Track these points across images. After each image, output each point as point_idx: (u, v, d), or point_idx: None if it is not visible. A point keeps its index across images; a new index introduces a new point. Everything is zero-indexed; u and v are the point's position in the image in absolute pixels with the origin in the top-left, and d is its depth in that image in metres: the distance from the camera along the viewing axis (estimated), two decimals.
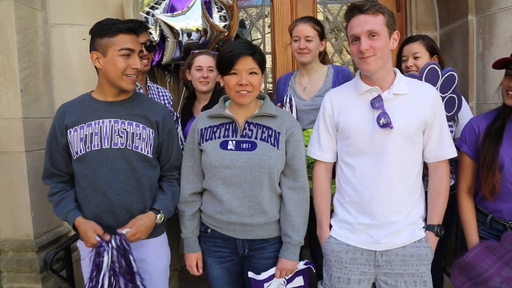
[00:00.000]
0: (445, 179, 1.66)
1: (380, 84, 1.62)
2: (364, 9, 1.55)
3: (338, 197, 1.75)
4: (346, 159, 1.69)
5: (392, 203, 1.60)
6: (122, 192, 1.69)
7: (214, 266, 1.79)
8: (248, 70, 1.63)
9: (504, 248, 1.61)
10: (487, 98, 2.56)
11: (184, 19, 2.68)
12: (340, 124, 1.68)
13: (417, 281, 1.62)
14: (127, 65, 1.65)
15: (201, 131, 1.74)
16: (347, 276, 1.66)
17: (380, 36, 1.55)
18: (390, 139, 1.58)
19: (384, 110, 1.58)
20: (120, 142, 1.69)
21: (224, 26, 2.80)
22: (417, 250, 1.61)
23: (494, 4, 2.49)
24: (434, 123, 1.62)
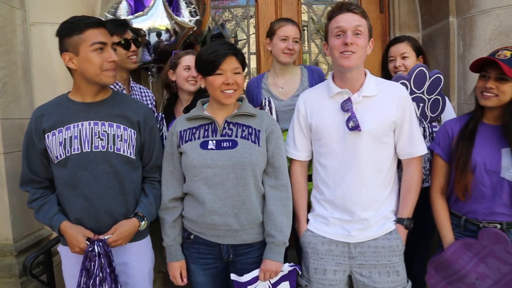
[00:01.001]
0: (416, 175, 1.74)
1: (352, 85, 1.69)
2: (352, 8, 1.63)
3: (314, 194, 1.84)
4: (319, 159, 1.78)
5: (363, 201, 1.69)
6: (104, 196, 1.65)
7: (198, 273, 1.76)
8: (233, 70, 1.64)
9: (481, 245, 1.65)
10: (468, 98, 2.61)
11: (146, 20, 2.61)
12: (313, 126, 1.76)
13: (390, 271, 1.69)
14: (103, 60, 1.60)
15: (180, 133, 1.73)
16: (323, 267, 1.74)
17: (363, 36, 1.63)
18: (359, 140, 1.65)
19: (353, 113, 1.65)
20: (101, 145, 1.65)
21: (195, 21, 2.76)
22: (388, 242, 1.70)
23: (474, 7, 2.54)
24: (403, 122, 1.69)
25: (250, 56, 3.40)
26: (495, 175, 1.64)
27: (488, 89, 1.63)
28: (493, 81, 1.62)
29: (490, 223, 1.66)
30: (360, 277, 1.71)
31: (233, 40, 3.51)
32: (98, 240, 1.59)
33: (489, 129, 1.69)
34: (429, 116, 2.07)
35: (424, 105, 2.05)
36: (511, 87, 1.59)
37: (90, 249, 1.57)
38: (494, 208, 1.65)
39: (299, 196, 1.85)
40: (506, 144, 1.62)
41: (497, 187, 1.64)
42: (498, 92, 1.61)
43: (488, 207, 1.66)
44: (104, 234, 1.63)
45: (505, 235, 1.60)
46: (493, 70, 1.61)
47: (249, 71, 3.42)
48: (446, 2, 2.72)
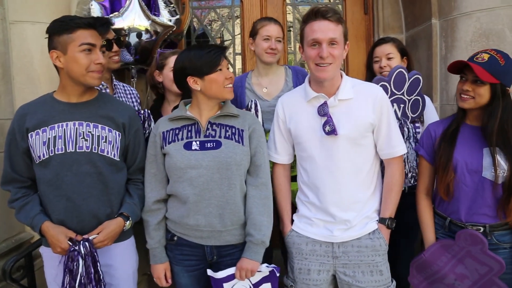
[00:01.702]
0: (397, 174, 1.76)
1: (328, 90, 1.69)
2: (328, 16, 1.61)
3: (299, 195, 1.86)
4: (301, 163, 1.80)
5: (344, 203, 1.70)
6: (88, 197, 1.63)
7: (181, 275, 1.76)
8: (227, 65, 1.71)
9: (458, 246, 1.67)
10: (450, 99, 2.65)
11: (121, 21, 2.57)
12: (292, 131, 1.78)
13: (373, 271, 1.71)
14: (90, 61, 1.60)
15: (163, 134, 1.72)
16: (307, 267, 1.75)
17: (339, 45, 1.63)
18: (336, 144, 1.67)
19: (329, 118, 1.66)
20: (86, 145, 1.64)
21: (175, 20, 2.73)
22: (371, 241, 1.71)
23: (456, 9, 2.58)
24: (381, 123, 1.70)
25: (235, 56, 3.40)
26: (476, 175, 1.66)
27: (465, 92, 1.66)
28: (470, 83, 1.65)
29: (473, 226, 1.68)
30: (344, 277, 1.72)
31: (219, 41, 3.50)
32: (84, 240, 1.57)
33: (471, 129, 1.71)
34: (410, 117, 2.10)
35: (404, 106, 2.08)
36: (487, 89, 1.61)
37: (72, 249, 1.55)
38: (477, 208, 1.67)
39: (282, 197, 1.87)
40: (487, 144, 1.64)
41: (479, 187, 1.66)
42: (474, 95, 1.64)
43: (471, 207, 1.68)
44: (89, 234, 1.61)
45: (482, 236, 1.62)
46: (470, 73, 1.64)
47: (234, 71, 3.41)
48: (429, 5, 2.76)
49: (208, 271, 1.69)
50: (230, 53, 3.41)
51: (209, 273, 1.68)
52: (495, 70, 1.58)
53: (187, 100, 1.81)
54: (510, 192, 1.59)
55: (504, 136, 1.61)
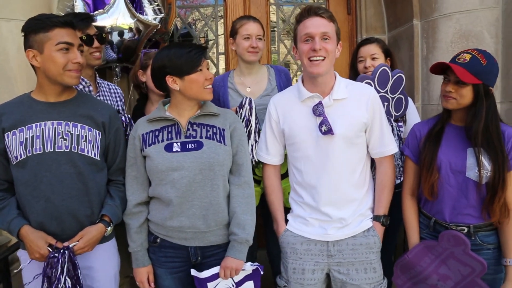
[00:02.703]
0: (389, 172, 1.79)
1: (322, 89, 1.70)
2: (320, 12, 1.64)
3: (293, 196, 1.85)
4: (294, 163, 1.79)
5: (340, 202, 1.72)
6: (68, 198, 1.60)
7: (165, 277, 1.73)
8: (207, 66, 1.68)
9: (441, 247, 1.69)
10: (431, 99, 2.69)
11: (106, 18, 2.53)
12: (286, 131, 1.77)
13: (367, 268, 1.72)
14: (67, 60, 1.57)
15: (143, 136, 1.69)
16: (301, 266, 1.75)
17: (331, 40, 1.65)
18: (332, 144, 1.68)
19: (325, 117, 1.67)
20: (65, 145, 1.60)
21: (160, 19, 2.70)
22: (366, 239, 1.73)
23: (436, 11, 2.62)
24: (373, 123, 1.73)
25: (218, 56, 3.37)
26: (460, 175, 1.67)
27: (447, 93, 1.67)
28: (452, 84, 1.65)
29: (458, 226, 1.69)
30: (338, 275, 1.73)
31: (203, 40, 3.47)
32: (64, 248, 1.54)
33: (456, 130, 1.72)
34: (394, 115, 2.12)
35: (388, 104, 2.09)
36: (470, 90, 1.62)
37: (52, 255, 1.52)
38: (461, 208, 1.68)
39: (274, 197, 1.86)
40: (471, 144, 1.65)
41: (463, 187, 1.67)
42: (456, 96, 1.65)
43: (455, 207, 1.69)
44: (69, 241, 1.58)
45: (465, 237, 1.64)
46: (452, 74, 1.65)
47: (217, 71, 3.39)
48: (410, 6, 2.79)
49: (192, 271, 1.67)
50: (213, 53, 3.38)
51: (193, 273, 1.66)
52: (477, 70, 1.59)
53: (165, 100, 1.78)
54: (494, 193, 1.61)
55: (488, 136, 1.61)
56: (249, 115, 2.00)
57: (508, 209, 1.63)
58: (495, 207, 1.61)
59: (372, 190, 1.82)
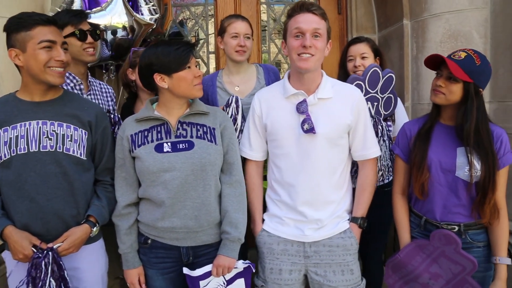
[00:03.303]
0: (370, 175, 1.78)
1: (308, 87, 1.69)
2: (313, 9, 1.63)
3: (269, 194, 1.84)
4: (274, 160, 1.78)
5: (318, 203, 1.70)
6: (53, 198, 1.58)
7: (156, 278, 1.70)
8: (196, 63, 1.66)
9: (433, 246, 1.69)
10: (421, 99, 2.71)
11: (105, 15, 2.49)
12: (268, 127, 1.75)
13: (344, 270, 1.72)
14: (49, 57, 1.54)
15: (131, 137, 1.66)
16: (278, 266, 1.74)
17: (322, 38, 1.64)
18: (314, 143, 1.66)
19: (308, 116, 1.65)
20: (50, 144, 1.58)
21: (155, 19, 2.68)
22: (343, 240, 1.72)
23: (426, 11, 2.64)
24: (357, 125, 1.72)
25: (209, 55, 3.35)
26: (450, 174, 1.68)
27: (438, 87, 1.67)
28: (444, 79, 1.66)
29: (449, 225, 1.70)
30: (316, 276, 1.72)
31: (194, 39, 3.44)
32: (48, 249, 1.52)
33: (445, 129, 1.73)
34: (383, 114, 2.13)
35: (378, 104, 2.10)
36: (460, 88, 1.63)
37: (36, 256, 1.50)
38: (451, 207, 1.69)
39: (254, 196, 1.84)
40: (461, 143, 1.66)
41: (453, 186, 1.68)
42: (446, 91, 1.65)
43: (445, 206, 1.70)
44: (54, 242, 1.56)
45: (456, 236, 1.64)
46: (445, 69, 1.65)
47: (208, 70, 3.37)
48: (400, 6, 2.80)
49: (184, 269, 1.65)
50: (204, 52, 3.36)
51: (186, 272, 1.65)
52: (470, 69, 1.60)
53: (153, 99, 1.75)
54: (484, 194, 1.62)
55: (478, 137, 1.62)
56: (236, 113, 1.99)
57: (498, 209, 1.65)
58: (486, 208, 1.62)
59: (350, 192, 1.81)
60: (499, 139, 1.65)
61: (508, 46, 2.37)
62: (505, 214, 1.68)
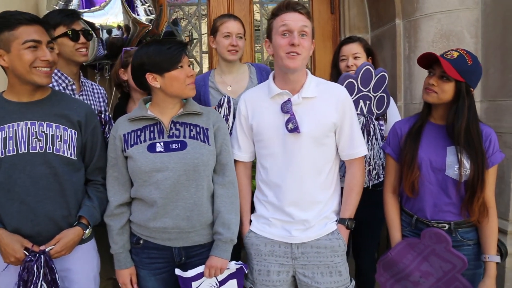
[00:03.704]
0: (357, 175, 1.76)
1: (293, 86, 1.68)
2: (299, 8, 1.62)
3: (257, 195, 1.83)
4: (261, 161, 1.77)
5: (304, 203, 1.69)
6: (43, 199, 1.56)
7: (148, 279, 1.70)
8: (188, 62, 1.65)
9: (424, 244, 1.70)
10: (414, 98, 2.72)
11: (103, 15, 2.50)
12: (254, 127, 1.75)
13: (332, 272, 1.70)
14: (35, 57, 1.52)
15: (124, 136, 1.65)
16: (266, 268, 1.73)
17: (308, 37, 1.63)
18: (299, 142, 1.66)
19: (292, 115, 1.65)
20: (39, 145, 1.56)
21: (151, 20, 2.68)
22: (330, 242, 1.70)
23: (418, 10, 2.65)
24: (343, 124, 1.71)
25: (202, 55, 3.35)
26: (440, 173, 1.69)
27: (430, 85, 1.68)
28: (436, 78, 1.67)
29: (439, 223, 1.71)
30: (303, 278, 1.71)
31: (187, 39, 3.44)
32: (40, 252, 1.51)
33: (436, 128, 1.74)
34: (375, 113, 2.13)
35: (370, 103, 2.10)
36: (452, 87, 1.64)
37: (28, 259, 1.49)
38: (441, 206, 1.70)
39: (242, 197, 1.81)
40: (451, 142, 1.67)
41: (443, 185, 1.69)
42: (438, 90, 1.66)
43: (435, 204, 1.71)
44: (46, 245, 1.55)
45: (446, 234, 1.65)
46: (438, 68, 1.66)
47: (201, 70, 3.37)
48: (393, 5, 2.82)
49: (176, 270, 1.65)
50: (197, 52, 3.36)
51: (178, 273, 1.64)
52: (462, 68, 1.61)
53: (146, 98, 1.75)
54: (473, 193, 1.63)
55: (468, 136, 1.63)
56: (228, 114, 1.99)
57: (487, 208, 1.66)
58: (474, 207, 1.63)
59: (338, 193, 1.79)
60: (488, 138, 1.66)
61: (498, 46, 2.39)
62: (494, 213, 1.69)
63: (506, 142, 2.31)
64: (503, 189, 2.36)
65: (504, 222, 2.35)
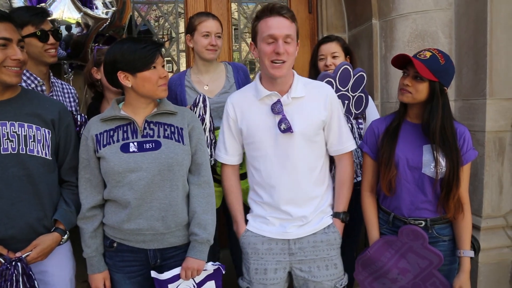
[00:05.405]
0: (348, 169, 1.81)
1: (281, 87, 1.70)
2: (283, 12, 1.62)
3: (252, 196, 1.84)
4: (253, 163, 1.78)
5: (300, 200, 1.72)
6: (17, 201, 1.52)
7: (123, 282, 1.67)
8: (162, 63, 1.62)
9: (401, 242, 1.73)
10: (390, 97, 2.76)
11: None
12: (244, 130, 1.75)
13: (328, 265, 1.74)
14: (5, 57, 1.47)
15: (96, 137, 1.61)
16: (263, 266, 1.75)
17: (293, 42, 1.64)
18: (292, 142, 1.68)
19: (284, 115, 1.67)
20: (11, 146, 1.51)
21: (112, 13, 2.58)
22: (326, 235, 1.75)
23: (394, 10, 2.69)
24: (332, 120, 1.74)
25: (179, 53, 3.30)
26: (417, 171, 1.72)
27: (405, 86, 1.71)
28: (410, 79, 1.70)
29: (416, 220, 1.74)
30: (300, 273, 1.74)
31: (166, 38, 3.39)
32: (16, 259, 1.47)
33: (412, 127, 1.77)
34: (354, 113, 2.15)
35: (349, 102, 2.12)
36: (426, 86, 1.67)
37: (5, 267, 1.45)
38: (418, 203, 1.73)
39: (233, 198, 1.84)
40: (427, 141, 1.70)
41: (419, 183, 1.72)
42: (413, 90, 1.69)
43: (412, 202, 1.74)
44: (22, 252, 1.51)
45: (423, 231, 1.69)
46: (412, 69, 1.69)
47: (178, 69, 3.32)
48: (369, 5, 2.85)
49: (152, 272, 1.62)
50: (174, 50, 3.31)
51: (153, 275, 1.62)
52: (435, 68, 1.64)
53: (119, 98, 1.71)
54: (449, 189, 1.67)
55: (443, 134, 1.67)
56: (204, 113, 1.96)
57: (462, 204, 1.70)
58: (450, 203, 1.67)
59: (331, 187, 1.83)
60: (462, 137, 1.70)
61: (471, 46, 2.45)
62: (468, 209, 1.74)
63: (479, 140, 2.37)
64: (477, 186, 2.42)
65: (478, 218, 2.41)
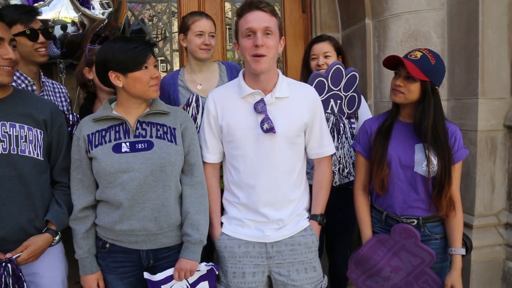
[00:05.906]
0: (327, 172, 1.80)
1: (264, 86, 1.66)
2: (262, 6, 1.59)
3: (226, 196, 1.79)
4: (232, 162, 1.74)
5: (278, 203, 1.69)
6: (8, 202, 1.50)
7: (116, 283, 1.65)
8: (154, 63, 1.60)
9: (393, 240, 1.74)
10: (383, 97, 2.77)
11: (48, 11, 2.37)
12: (224, 128, 1.70)
13: (307, 268, 1.72)
14: None
15: (88, 137, 1.60)
16: (241, 270, 1.71)
17: (274, 36, 1.60)
18: (273, 142, 1.65)
19: (267, 115, 1.63)
20: (2, 147, 1.50)
21: (108, 14, 2.58)
22: (304, 238, 1.72)
23: (387, 10, 2.70)
24: (314, 123, 1.73)
25: (172, 53, 3.29)
26: (409, 170, 1.72)
27: (397, 87, 1.72)
28: (402, 79, 1.71)
29: (408, 219, 1.74)
30: (279, 277, 1.70)
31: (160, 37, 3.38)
32: (6, 260, 1.46)
33: (404, 126, 1.78)
34: (346, 113, 2.15)
35: (341, 102, 2.12)
36: (417, 86, 1.68)
37: None
38: (410, 202, 1.74)
39: (211, 199, 1.76)
40: (419, 140, 1.71)
41: (412, 182, 1.73)
42: (405, 91, 1.70)
43: (405, 201, 1.75)
44: (13, 253, 1.50)
45: (415, 230, 1.69)
46: (403, 69, 1.70)
47: (172, 68, 3.31)
48: (362, 5, 2.86)
49: (145, 273, 1.61)
50: (167, 50, 3.30)
51: (146, 276, 1.61)
52: (426, 68, 1.65)
53: (112, 98, 1.70)
54: (440, 188, 1.68)
55: (435, 133, 1.68)
56: (196, 113, 1.96)
57: (454, 202, 1.71)
58: (442, 201, 1.68)
59: (308, 190, 1.81)
60: (453, 136, 1.71)
61: (463, 46, 2.47)
62: (459, 207, 1.75)
63: (471, 139, 2.39)
64: (469, 185, 2.44)
65: (470, 216, 2.43)
